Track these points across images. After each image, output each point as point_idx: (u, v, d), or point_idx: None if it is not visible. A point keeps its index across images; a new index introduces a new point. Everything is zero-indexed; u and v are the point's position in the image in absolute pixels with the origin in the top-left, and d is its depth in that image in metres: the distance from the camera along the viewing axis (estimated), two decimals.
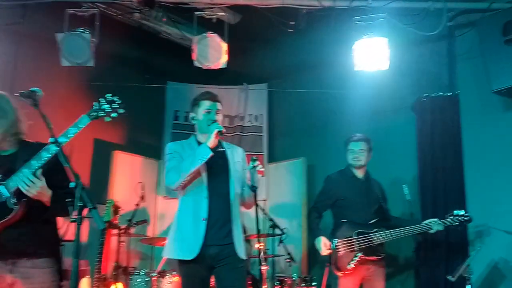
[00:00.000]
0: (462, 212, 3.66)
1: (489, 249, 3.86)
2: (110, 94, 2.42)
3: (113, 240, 4.57)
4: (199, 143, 2.86)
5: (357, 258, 3.50)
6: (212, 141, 2.70)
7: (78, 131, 2.29)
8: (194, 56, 4.17)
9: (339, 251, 3.53)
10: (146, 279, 4.34)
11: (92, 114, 2.34)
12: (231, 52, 4.24)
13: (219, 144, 2.89)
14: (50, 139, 2.17)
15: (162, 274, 4.30)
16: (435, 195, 4.33)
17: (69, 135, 2.26)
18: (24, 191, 2.20)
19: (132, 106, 5.22)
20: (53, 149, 2.20)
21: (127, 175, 5.18)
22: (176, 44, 4.89)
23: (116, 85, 5.10)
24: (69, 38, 4.11)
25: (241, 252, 2.77)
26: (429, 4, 4.03)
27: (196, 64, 4.21)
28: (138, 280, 4.38)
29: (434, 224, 3.61)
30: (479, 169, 4.16)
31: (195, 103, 2.95)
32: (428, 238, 4.19)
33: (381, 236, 3.57)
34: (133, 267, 4.64)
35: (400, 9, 4.11)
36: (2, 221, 2.20)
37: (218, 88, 5.28)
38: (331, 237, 3.60)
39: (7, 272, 2.23)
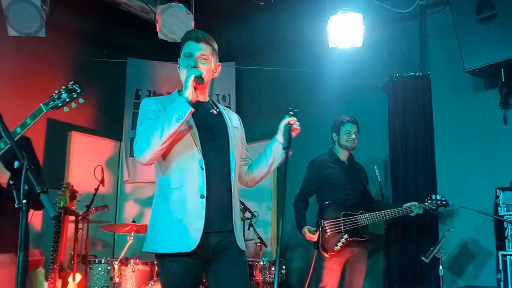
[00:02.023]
0: (439, 197, 3.77)
1: (459, 229, 3.86)
2: (72, 82, 2.33)
3: (70, 227, 4.24)
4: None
5: (343, 240, 3.50)
6: (189, 92, 2.00)
7: (35, 121, 2.23)
8: (158, 27, 3.87)
9: (326, 233, 3.50)
10: (107, 268, 4.09)
11: (49, 103, 2.26)
12: (196, 28, 3.97)
13: (213, 104, 2.30)
14: None
15: (124, 262, 4.05)
16: (406, 176, 4.30)
17: (26, 126, 2.21)
18: None
19: (90, 84, 4.97)
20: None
21: (85, 158, 4.84)
22: (137, 18, 4.57)
23: (72, 59, 4.75)
24: (16, 5, 3.72)
25: (241, 242, 2.19)
26: None
27: (160, 36, 3.93)
28: (98, 269, 4.11)
29: (414, 208, 3.66)
30: (450, 150, 4.15)
31: (180, 47, 2.25)
32: (399, 218, 4.19)
33: (366, 218, 3.59)
34: (93, 256, 4.36)
35: None
36: None
37: None
38: (318, 218, 3.58)
39: None
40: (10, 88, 4.32)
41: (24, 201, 1.65)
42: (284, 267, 4.29)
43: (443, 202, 3.76)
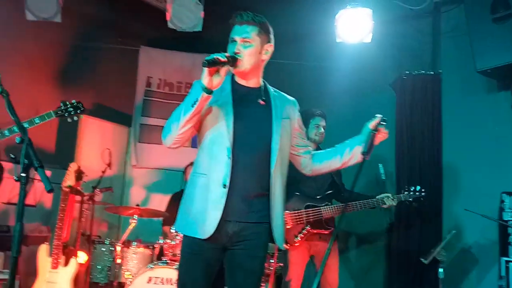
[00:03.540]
0: (418, 188, 3.49)
1: (463, 232, 3.79)
2: (77, 101, 3.09)
3: (77, 207, 4.37)
4: (235, 82, 2.17)
5: (304, 231, 3.38)
6: (203, 76, 1.92)
7: (42, 122, 2.97)
8: (168, 16, 3.93)
9: (287, 224, 3.37)
10: (110, 249, 4.19)
11: (58, 112, 3.04)
12: (207, 18, 4.02)
13: (263, 91, 2.18)
14: None
15: (126, 244, 4.13)
16: (411, 175, 4.20)
17: (34, 123, 2.93)
18: None
19: (103, 70, 5.10)
20: None
21: (95, 142, 4.97)
22: (150, 7, 4.64)
23: (86, 45, 4.86)
24: None
25: (280, 237, 2.13)
26: None
27: (170, 25, 3.97)
28: (102, 250, 4.23)
29: (387, 200, 3.41)
30: (458, 151, 4.06)
31: None
32: (402, 218, 4.12)
33: (329, 209, 3.39)
34: (98, 236, 4.47)
35: None
36: None
37: (194, 55, 5.06)
38: None
39: None
40: (27, 71, 4.47)
41: (23, 174, 1.72)
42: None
43: (422, 194, 3.45)
